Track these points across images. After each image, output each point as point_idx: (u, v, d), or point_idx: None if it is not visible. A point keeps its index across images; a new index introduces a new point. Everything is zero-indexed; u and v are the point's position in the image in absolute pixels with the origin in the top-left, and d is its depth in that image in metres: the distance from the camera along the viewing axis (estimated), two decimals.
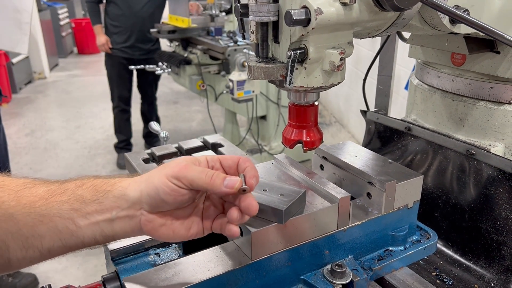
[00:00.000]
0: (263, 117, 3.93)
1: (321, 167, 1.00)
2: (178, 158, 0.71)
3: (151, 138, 4.60)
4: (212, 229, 0.72)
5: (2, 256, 0.63)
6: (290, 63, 0.78)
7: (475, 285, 1.03)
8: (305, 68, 0.80)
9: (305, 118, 0.90)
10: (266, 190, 0.79)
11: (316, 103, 0.92)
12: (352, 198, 0.88)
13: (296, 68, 0.80)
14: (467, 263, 1.09)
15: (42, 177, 0.72)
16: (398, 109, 3.04)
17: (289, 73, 0.79)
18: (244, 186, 0.69)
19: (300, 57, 0.79)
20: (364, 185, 0.88)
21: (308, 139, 0.91)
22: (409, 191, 0.87)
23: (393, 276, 0.83)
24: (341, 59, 0.79)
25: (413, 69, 3.24)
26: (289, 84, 0.80)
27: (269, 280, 0.76)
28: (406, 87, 3.14)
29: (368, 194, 0.87)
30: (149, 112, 4.57)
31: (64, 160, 4.58)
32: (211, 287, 0.71)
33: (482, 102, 1.07)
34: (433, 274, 1.06)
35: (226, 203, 0.73)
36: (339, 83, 0.85)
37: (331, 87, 0.85)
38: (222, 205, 0.74)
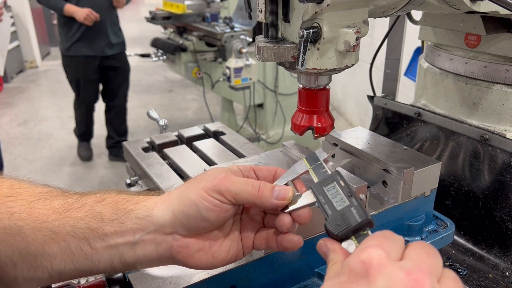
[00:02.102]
0: (260, 105, 3.87)
1: (332, 155, 0.95)
2: (210, 170, 0.63)
3: (116, 149, 4.16)
4: (254, 247, 0.64)
5: (8, 275, 0.56)
6: (302, 43, 0.73)
7: (490, 275, 1.00)
8: (318, 49, 0.75)
9: (316, 103, 0.86)
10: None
11: (327, 86, 0.87)
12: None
13: (309, 49, 0.75)
14: (480, 252, 1.06)
15: (62, 188, 0.65)
16: (398, 95, 3.00)
17: (301, 54, 0.74)
18: (297, 193, 0.62)
19: (313, 36, 0.74)
20: (379, 172, 0.83)
21: (319, 125, 0.86)
22: (426, 179, 0.83)
23: None
24: (356, 39, 0.74)
25: (414, 54, 3.17)
26: (302, 66, 0.75)
27: (282, 274, 0.72)
28: (405, 74, 3.09)
29: (384, 183, 0.83)
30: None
31: (58, 151, 4.50)
32: (222, 281, 0.67)
33: (498, 85, 1.03)
34: (446, 264, 1.03)
35: (267, 215, 0.64)
36: (353, 64, 0.80)
37: (345, 69, 0.80)
38: (262, 219, 0.65)
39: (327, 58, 0.76)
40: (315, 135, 0.87)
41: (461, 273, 0.99)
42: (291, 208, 0.60)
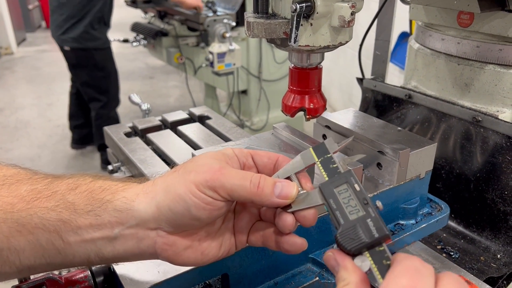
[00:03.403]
0: (244, 92, 3.82)
1: (324, 136, 0.92)
2: (202, 157, 0.54)
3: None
4: (249, 243, 0.58)
5: None
6: (295, 18, 0.69)
7: (481, 258, 0.99)
8: (311, 25, 0.71)
9: (307, 83, 0.82)
10: None
11: (320, 65, 0.84)
12: None
13: (301, 25, 0.71)
14: (471, 235, 1.05)
15: (32, 169, 0.58)
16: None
17: (294, 29, 0.70)
18: (302, 191, 0.54)
19: (306, 11, 0.70)
20: (373, 154, 0.81)
21: (311, 106, 0.83)
22: (422, 160, 0.80)
23: (406, 252, 0.78)
24: (352, 14, 0.71)
25: (399, 39, 3.14)
26: (294, 42, 0.71)
27: (275, 261, 0.69)
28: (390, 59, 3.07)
29: (378, 165, 0.80)
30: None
31: (36, 139, 4.38)
32: (214, 269, 0.64)
33: (490, 65, 1.01)
34: (438, 247, 1.01)
35: (263, 208, 0.58)
36: (347, 41, 0.77)
37: (339, 46, 0.76)
38: (259, 210, 0.58)
39: (320, 34, 0.72)
40: (307, 116, 0.84)
41: (453, 256, 0.98)
42: (295, 207, 0.53)
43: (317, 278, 0.69)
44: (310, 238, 0.72)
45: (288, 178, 0.56)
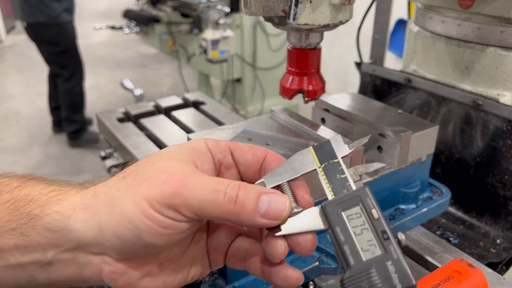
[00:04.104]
0: (238, 80, 3.78)
1: (323, 120, 0.90)
2: (161, 154, 0.42)
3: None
4: (228, 264, 0.46)
5: None
6: None
7: (481, 243, 0.98)
8: (311, 2, 0.69)
9: (306, 63, 0.80)
10: (269, 144, 0.68)
11: (319, 46, 0.81)
12: None
13: (301, 2, 0.68)
14: (471, 220, 1.04)
15: None
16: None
17: (293, 6, 0.68)
18: (296, 210, 0.41)
19: None
20: (373, 137, 0.78)
21: (310, 88, 0.80)
22: (423, 143, 0.78)
23: (407, 237, 0.76)
24: None
25: (395, 26, 3.13)
26: (293, 19, 0.68)
27: None
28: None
29: (379, 148, 0.78)
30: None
31: (27, 129, 4.32)
32: None
33: (491, 48, 0.98)
34: (437, 233, 1.00)
35: None
36: (347, 20, 0.74)
37: (339, 25, 0.74)
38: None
39: (320, 12, 0.70)
40: (306, 99, 0.81)
41: (452, 242, 0.97)
42: (286, 230, 0.39)
43: (317, 263, 0.67)
44: None
45: (278, 187, 0.42)
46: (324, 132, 0.75)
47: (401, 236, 0.38)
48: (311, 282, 0.67)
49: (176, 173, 0.39)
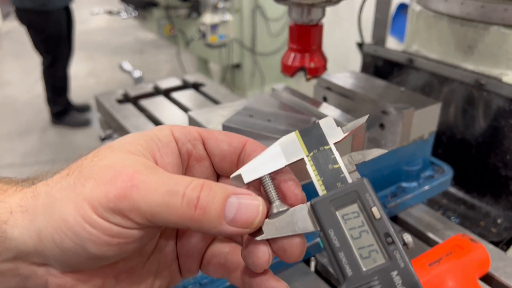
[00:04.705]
0: (238, 66, 3.76)
1: (324, 99, 0.89)
2: (113, 146, 0.35)
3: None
4: (204, 271, 0.40)
5: None
6: None
7: (481, 223, 0.98)
8: None
9: (308, 40, 0.79)
10: (270, 121, 0.67)
11: (320, 22, 0.80)
12: None
13: None
14: (472, 200, 1.03)
15: None
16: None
17: None
18: (281, 206, 0.34)
19: None
20: (376, 115, 0.78)
21: (312, 66, 0.79)
22: (426, 121, 0.78)
23: (409, 214, 0.76)
24: None
25: (397, 10, 3.08)
26: None
27: None
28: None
29: (381, 125, 0.77)
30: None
31: (25, 116, 4.29)
32: None
33: (495, 26, 0.97)
34: (439, 212, 1.00)
35: None
36: None
37: (341, 0, 0.72)
38: None
39: None
40: (307, 76, 0.80)
41: (453, 221, 0.97)
42: (269, 234, 0.33)
43: (318, 239, 0.67)
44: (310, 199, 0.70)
45: (258, 181, 0.35)
46: (326, 109, 0.74)
47: (408, 238, 0.31)
48: (312, 258, 0.67)
49: (125, 170, 0.32)
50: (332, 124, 0.36)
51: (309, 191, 0.35)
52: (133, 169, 0.32)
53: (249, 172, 0.35)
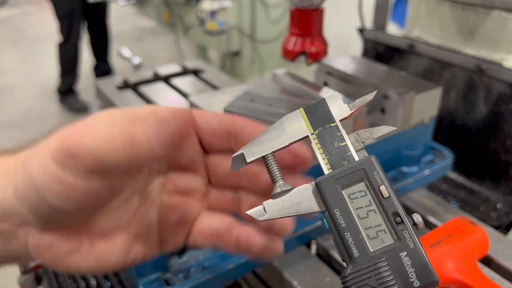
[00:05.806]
0: (237, 54, 3.73)
1: (325, 84, 0.89)
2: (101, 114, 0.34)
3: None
4: (192, 244, 0.40)
5: None
6: None
7: (481, 207, 0.99)
8: None
9: (309, 24, 0.78)
10: (271, 105, 0.67)
11: (321, 7, 0.79)
12: None
13: None
14: (472, 186, 1.04)
15: None
16: None
17: None
18: (283, 189, 0.33)
19: None
20: (376, 99, 0.78)
21: (312, 50, 0.79)
22: (426, 105, 0.78)
23: (409, 198, 0.76)
24: None
25: None
26: None
27: None
28: None
29: (382, 110, 0.77)
30: None
31: (24, 104, 4.28)
32: None
33: (496, 11, 0.97)
34: (439, 197, 1.01)
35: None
36: None
37: None
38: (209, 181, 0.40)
39: None
40: (308, 60, 0.80)
41: (453, 206, 0.97)
42: (271, 214, 0.32)
43: (319, 223, 0.68)
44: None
45: (261, 159, 0.34)
46: (327, 93, 0.74)
47: (418, 218, 0.30)
48: (313, 241, 0.68)
49: (90, 119, 0.32)
50: (338, 100, 0.35)
51: (315, 174, 0.34)
52: (93, 119, 0.32)
53: (252, 151, 0.34)
